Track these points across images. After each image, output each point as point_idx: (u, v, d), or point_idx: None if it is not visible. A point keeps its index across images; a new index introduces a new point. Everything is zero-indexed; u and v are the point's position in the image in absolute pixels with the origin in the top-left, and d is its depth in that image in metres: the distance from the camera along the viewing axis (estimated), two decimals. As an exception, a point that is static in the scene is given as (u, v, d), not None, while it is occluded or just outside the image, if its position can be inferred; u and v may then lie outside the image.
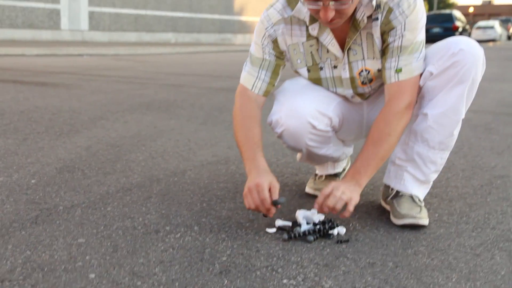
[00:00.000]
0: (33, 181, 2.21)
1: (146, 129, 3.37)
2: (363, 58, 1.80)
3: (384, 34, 1.74)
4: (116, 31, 23.73)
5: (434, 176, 1.88)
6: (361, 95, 1.91)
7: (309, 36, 1.81)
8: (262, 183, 1.66)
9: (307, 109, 1.81)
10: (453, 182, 2.34)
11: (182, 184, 2.22)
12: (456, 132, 1.81)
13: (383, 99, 1.92)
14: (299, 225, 1.72)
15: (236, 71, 1.94)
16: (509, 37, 40.56)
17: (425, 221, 1.78)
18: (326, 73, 1.86)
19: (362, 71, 1.82)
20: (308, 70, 1.88)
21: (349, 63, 1.82)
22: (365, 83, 1.85)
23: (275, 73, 1.87)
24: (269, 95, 1.91)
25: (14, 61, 9.25)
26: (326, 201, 1.65)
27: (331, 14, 1.58)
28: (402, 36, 1.70)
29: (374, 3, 1.68)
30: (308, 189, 2.14)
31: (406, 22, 1.68)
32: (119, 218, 1.81)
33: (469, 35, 31.75)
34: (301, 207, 1.97)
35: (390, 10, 1.69)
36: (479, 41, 33.24)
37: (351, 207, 1.65)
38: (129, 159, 2.61)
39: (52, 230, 1.68)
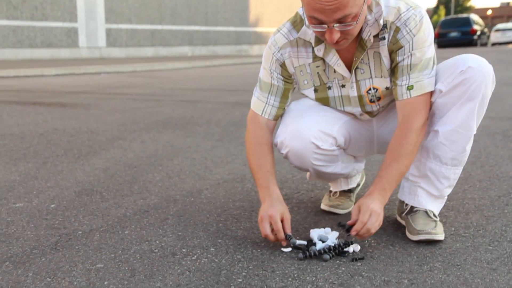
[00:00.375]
0: (52, 205, 2.26)
1: (162, 148, 3.41)
2: (371, 77, 1.81)
3: (392, 53, 1.75)
4: (133, 46, 23.99)
5: (448, 191, 1.88)
6: (369, 113, 1.92)
7: (315, 57, 1.83)
8: (275, 214, 1.72)
9: (310, 130, 1.83)
10: (470, 194, 2.33)
11: (199, 204, 2.25)
12: (468, 148, 1.81)
13: (392, 115, 1.93)
14: (314, 244, 1.74)
15: (252, 83, 1.98)
16: (528, 39, 40.08)
17: (440, 236, 1.78)
18: (334, 92, 1.88)
19: (370, 89, 1.84)
20: (316, 90, 1.90)
21: (357, 81, 1.83)
22: (373, 101, 1.86)
23: (284, 97, 1.90)
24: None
25: (33, 82, 9.41)
26: (363, 228, 1.68)
27: (337, 35, 1.60)
28: (411, 54, 1.71)
29: (381, 22, 1.69)
30: (323, 206, 2.15)
31: (413, 40, 1.70)
32: (136, 241, 1.84)
33: (488, 38, 31.47)
34: (316, 224, 1.99)
35: (397, 30, 1.71)
36: (498, 44, 33.02)
37: (373, 231, 1.69)
38: (146, 180, 2.65)
39: (71, 256, 1.71)
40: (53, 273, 1.58)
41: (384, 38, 1.74)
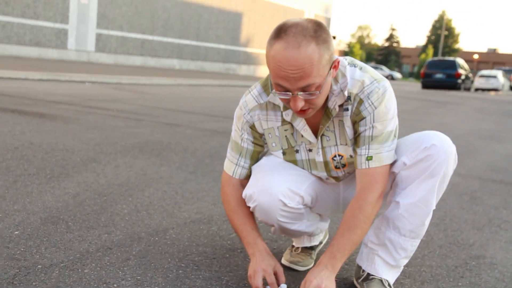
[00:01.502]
0: (16, 232, 2.26)
1: (135, 176, 3.43)
2: (336, 144, 1.87)
3: (355, 124, 1.81)
4: (122, 54, 23.97)
5: (404, 261, 1.93)
6: (335, 178, 1.98)
7: (283, 121, 1.89)
8: (268, 268, 1.82)
9: (279, 187, 1.88)
10: (428, 261, 2.38)
11: (162, 245, 2.27)
12: (427, 222, 1.87)
13: (359, 180, 1.99)
14: (270, 304, 1.77)
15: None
16: (511, 87, 40.96)
17: (392, 308, 1.83)
18: (301, 155, 1.94)
19: (335, 156, 1.89)
20: (284, 153, 1.95)
21: (323, 148, 1.89)
22: (339, 168, 1.92)
23: (253, 159, 1.96)
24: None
25: (17, 86, 9.35)
26: None
27: (300, 104, 1.65)
28: (373, 127, 1.77)
29: (346, 93, 1.75)
30: (283, 261, 2.19)
31: (375, 113, 1.76)
32: (94, 282, 1.85)
33: (472, 82, 32.08)
34: (275, 280, 2.01)
35: (360, 102, 1.77)
36: (481, 90, 33.72)
37: None
38: (114, 212, 2.66)
39: (27, 294, 1.72)
40: (7, 312, 1.59)
41: (347, 109, 1.80)
